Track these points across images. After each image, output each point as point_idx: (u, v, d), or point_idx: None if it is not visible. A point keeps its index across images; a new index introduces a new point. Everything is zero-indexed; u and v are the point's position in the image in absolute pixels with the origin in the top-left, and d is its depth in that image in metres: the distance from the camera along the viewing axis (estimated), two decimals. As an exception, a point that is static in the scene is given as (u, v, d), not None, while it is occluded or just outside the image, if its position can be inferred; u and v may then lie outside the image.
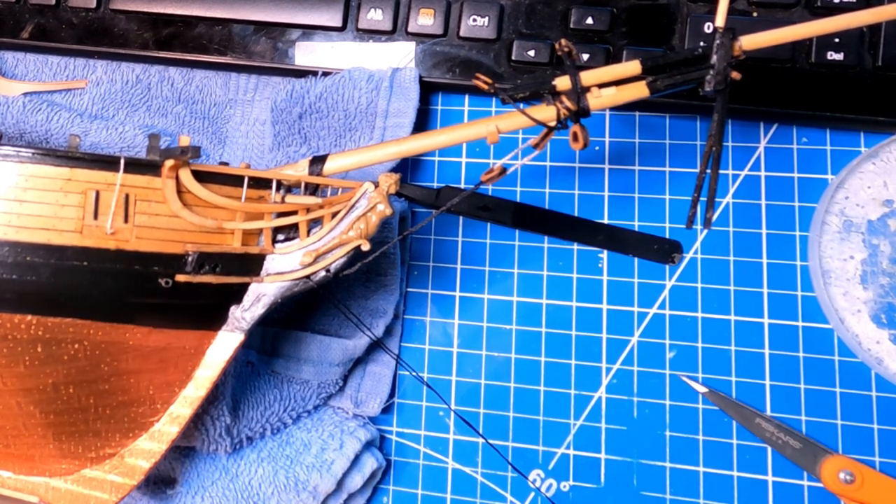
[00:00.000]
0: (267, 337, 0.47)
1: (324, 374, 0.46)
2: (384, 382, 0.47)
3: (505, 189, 0.49)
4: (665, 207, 0.47)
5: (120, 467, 0.38)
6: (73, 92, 0.53)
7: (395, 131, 0.47)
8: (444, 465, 0.47)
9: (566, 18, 0.47)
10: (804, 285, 0.45)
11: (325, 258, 0.37)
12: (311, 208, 0.38)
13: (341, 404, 0.47)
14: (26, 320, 0.34)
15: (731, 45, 0.35)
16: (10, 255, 0.33)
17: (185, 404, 0.38)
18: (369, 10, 0.49)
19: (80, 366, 0.36)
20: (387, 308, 0.47)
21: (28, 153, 0.33)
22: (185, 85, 0.52)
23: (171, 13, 0.51)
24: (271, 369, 0.46)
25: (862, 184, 0.45)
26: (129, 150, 0.49)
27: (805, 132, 0.46)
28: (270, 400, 0.44)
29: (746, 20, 0.45)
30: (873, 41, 0.44)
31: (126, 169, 0.34)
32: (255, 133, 0.52)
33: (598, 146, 0.48)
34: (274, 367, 0.46)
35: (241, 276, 0.37)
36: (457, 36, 0.48)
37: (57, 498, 0.39)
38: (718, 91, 0.35)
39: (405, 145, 0.39)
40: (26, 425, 0.37)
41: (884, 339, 0.43)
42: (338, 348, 0.46)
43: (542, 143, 0.36)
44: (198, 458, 0.45)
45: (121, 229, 0.34)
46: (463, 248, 0.49)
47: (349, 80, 0.47)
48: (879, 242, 0.44)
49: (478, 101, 0.50)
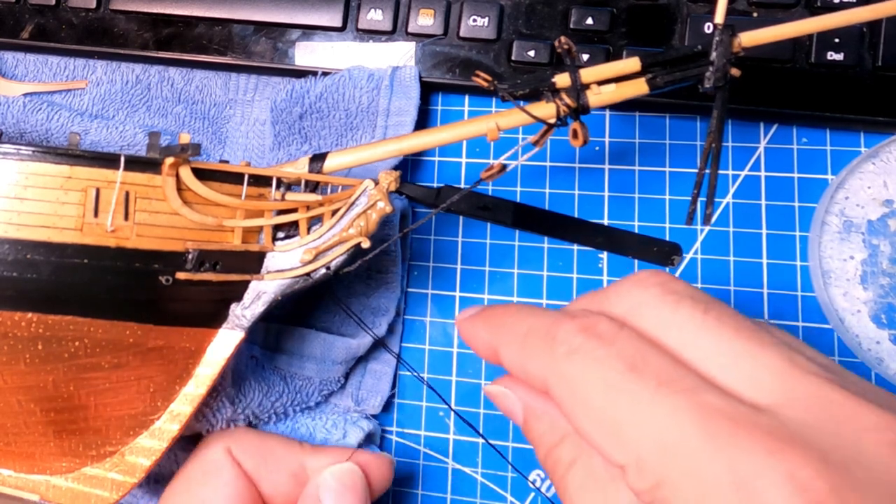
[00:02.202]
0: (270, 333, 0.47)
1: (326, 372, 0.46)
2: (385, 380, 0.47)
3: (505, 189, 0.49)
4: (665, 207, 0.47)
5: (120, 465, 0.38)
6: (73, 92, 0.53)
7: (396, 129, 0.47)
8: (444, 465, 0.47)
9: (566, 18, 0.47)
10: (804, 285, 0.45)
11: (325, 256, 0.37)
12: (312, 206, 0.38)
13: (342, 402, 0.47)
14: (27, 318, 0.34)
15: (730, 41, 0.35)
16: (10, 252, 0.33)
17: (186, 402, 0.38)
18: (369, 11, 0.49)
19: (81, 363, 0.36)
20: (389, 306, 0.47)
21: (28, 151, 0.33)
22: (185, 85, 0.52)
23: (171, 13, 0.51)
24: (274, 365, 0.46)
25: (862, 184, 0.45)
26: (129, 149, 0.49)
27: (805, 132, 0.46)
28: (274, 394, 0.44)
29: (746, 20, 0.45)
30: (873, 41, 0.44)
31: (126, 167, 0.34)
32: (255, 133, 0.52)
33: (598, 146, 0.48)
34: (277, 363, 0.46)
35: (241, 274, 0.37)
36: (457, 36, 0.48)
37: (58, 496, 0.39)
38: (718, 88, 0.35)
39: (405, 143, 0.39)
40: (27, 423, 0.37)
41: (884, 340, 0.43)
42: (341, 346, 0.46)
43: (541, 140, 0.36)
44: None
45: (121, 227, 0.34)
46: (463, 248, 0.49)
47: (349, 80, 0.47)
48: (879, 242, 0.44)
49: (478, 102, 0.50)
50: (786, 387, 0.25)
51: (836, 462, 0.23)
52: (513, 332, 0.31)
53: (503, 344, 0.32)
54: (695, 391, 0.25)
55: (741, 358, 0.26)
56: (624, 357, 0.27)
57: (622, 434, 0.26)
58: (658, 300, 0.29)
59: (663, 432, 0.25)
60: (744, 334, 0.27)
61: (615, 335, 0.28)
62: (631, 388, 0.26)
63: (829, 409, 0.25)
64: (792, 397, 0.25)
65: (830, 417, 0.24)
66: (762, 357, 0.26)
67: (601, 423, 0.27)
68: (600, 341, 0.28)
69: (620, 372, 0.27)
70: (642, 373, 0.26)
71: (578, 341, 0.28)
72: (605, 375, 0.27)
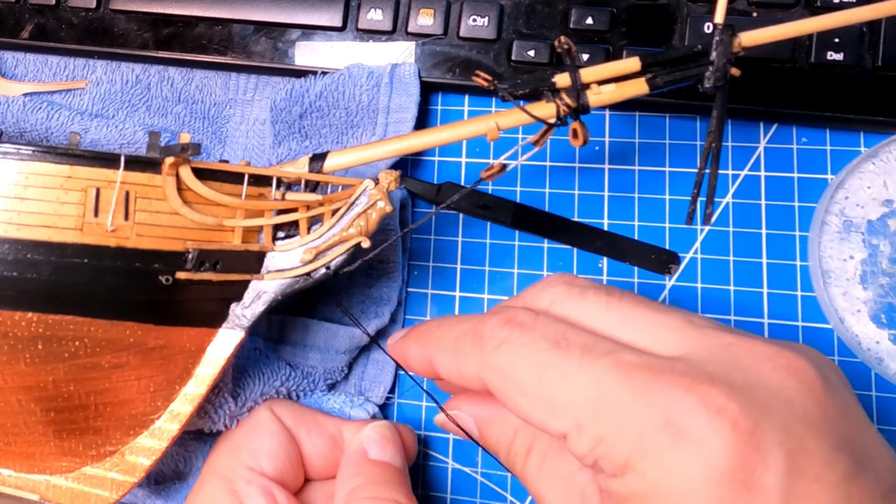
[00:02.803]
0: (273, 324, 0.47)
1: (330, 362, 0.46)
2: (388, 370, 0.48)
3: (505, 189, 0.49)
4: (665, 207, 0.47)
5: (120, 465, 0.38)
6: (73, 92, 0.53)
7: (397, 126, 0.47)
8: (445, 465, 0.47)
9: (566, 18, 0.47)
10: (804, 285, 0.45)
11: (325, 255, 0.37)
12: (312, 205, 0.38)
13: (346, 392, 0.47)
14: (27, 317, 0.34)
15: (730, 41, 0.35)
16: (10, 252, 0.33)
17: (186, 402, 0.38)
18: (369, 10, 0.49)
19: (81, 363, 0.36)
20: (391, 295, 0.47)
21: (28, 151, 0.33)
22: (185, 85, 0.52)
23: (171, 13, 0.51)
24: (278, 356, 0.46)
25: (862, 184, 0.45)
26: (129, 148, 0.49)
27: (805, 132, 0.47)
28: (277, 385, 0.44)
29: (746, 20, 0.45)
30: (873, 41, 0.44)
31: (126, 166, 0.34)
32: (255, 133, 0.52)
33: (598, 146, 0.48)
34: (280, 353, 0.46)
35: (241, 274, 0.37)
36: (457, 36, 0.48)
37: (58, 495, 0.39)
38: (718, 87, 0.35)
39: (405, 142, 0.39)
40: (27, 423, 0.37)
41: (883, 339, 0.43)
42: (345, 336, 0.46)
43: (541, 140, 0.36)
44: (206, 447, 0.45)
45: (121, 227, 0.34)
46: (463, 247, 0.49)
47: (349, 78, 0.47)
48: (879, 242, 0.44)
49: (478, 102, 0.50)
50: (688, 339, 0.29)
51: (742, 388, 0.27)
52: (443, 341, 0.34)
53: (436, 354, 0.35)
54: (614, 353, 0.29)
55: (646, 324, 0.30)
56: (546, 337, 0.30)
57: (558, 405, 0.29)
58: (566, 294, 0.33)
59: (594, 394, 0.28)
60: (643, 306, 0.31)
61: (534, 320, 0.31)
62: (558, 362, 0.29)
63: (728, 349, 0.28)
64: (695, 346, 0.29)
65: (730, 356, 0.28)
66: (663, 320, 0.30)
67: (537, 400, 0.30)
68: (523, 329, 0.31)
69: (546, 350, 0.30)
70: (566, 347, 0.29)
71: (504, 333, 0.31)
72: (533, 356, 0.30)
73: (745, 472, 0.25)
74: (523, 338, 0.31)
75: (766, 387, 0.27)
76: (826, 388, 0.28)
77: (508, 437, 0.35)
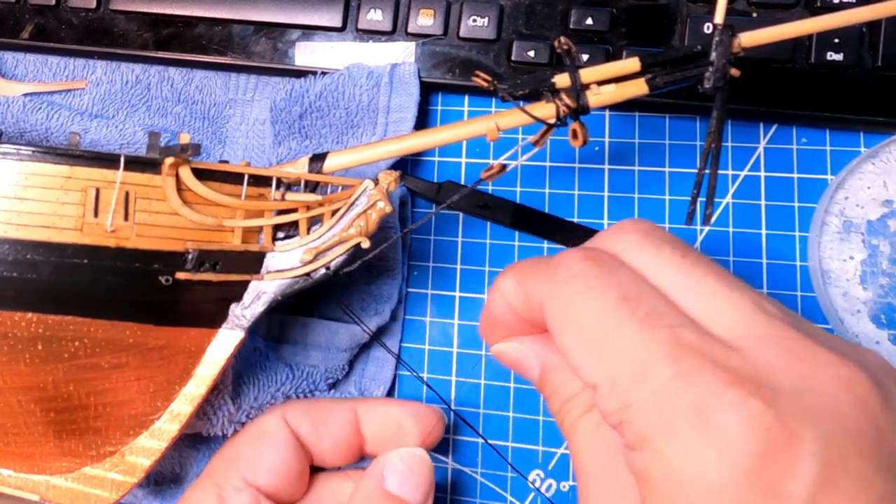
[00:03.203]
0: (273, 323, 0.47)
1: (331, 360, 0.46)
2: (388, 368, 0.48)
3: (504, 189, 0.49)
4: (665, 207, 0.47)
5: (120, 465, 0.38)
6: (73, 92, 0.53)
7: (397, 126, 0.47)
8: (445, 466, 0.47)
9: (566, 19, 0.47)
10: (804, 286, 0.45)
11: (325, 256, 0.37)
12: (311, 206, 0.38)
13: (347, 391, 0.47)
14: (27, 318, 0.34)
15: (730, 41, 0.35)
16: (10, 252, 0.33)
17: (186, 402, 0.38)
18: (369, 11, 0.49)
19: (81, 363, 0.36)
20: (391, 292, 0.47)
21: (28, 151, 0.33)
22: (184, 85, 0.52)
23: (171, 13, 0.51)
24: (279, 356, 0.46)
25: (862, 184, 0.45)
26: (129, 148, 0.49)
27: (805, 132, 0.46)
28: (277, 385, 0.44)
29: (746, 20, 0.45)
30: (873, 41, 0.44)
31: (126, 167, 0.34)
32: (255, 133, 0.52)
33: (598, 146, 0.48)
34: (281, 353, 0.46)
35: (241, 274, 0.37)
36: (457, 36, 0.48)
37: (58, 496, 0.39)
38: (718, 88, 0.35)
39: (405, 143, 0.39)
40: (27, 423, 0.37)
41: (883, 340, 0.43)
42: (346, 333, 0.46)
43: (541, 140, 0.36)
44: (203, 451, 0.45)
45: (121, 227, 0.34)
46: (463, 247, 0.49)
47: (349, 78, 0.47)
48: (879, 243, 0.44)
49: (478, 102, 0.50)
50: (751, 325, 0.28)
51: (789, 393, 0.26)
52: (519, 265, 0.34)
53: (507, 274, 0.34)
54: (676, 328, 0.28)
55: (713, 297, 0.29)
56: (620, 287, 0.29)
57: (602, 355, 0.29)
58: (640, 245, 0.31)
59: (640, 359, 0.28)
60: (715, 277, 0.30)
61: (617, 267, 0.30)
62: (621, 317, 0.29)
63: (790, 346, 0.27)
64: (755, 334, 0.28)
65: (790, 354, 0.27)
66: (732, 298, 0.29)
67: (586, 343, 0.29)
68: (601, 269, 0.30)
69: (614, 300, 0.29)
70: (634, 305, 0.29)
71: (581, 267, 0.30)
72: (599, 300, 0.29)
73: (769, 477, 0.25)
74: (597, 280, 0.30)
75: (817, 394, 0.26)
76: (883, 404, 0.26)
77: (571, 390, 0.33)
